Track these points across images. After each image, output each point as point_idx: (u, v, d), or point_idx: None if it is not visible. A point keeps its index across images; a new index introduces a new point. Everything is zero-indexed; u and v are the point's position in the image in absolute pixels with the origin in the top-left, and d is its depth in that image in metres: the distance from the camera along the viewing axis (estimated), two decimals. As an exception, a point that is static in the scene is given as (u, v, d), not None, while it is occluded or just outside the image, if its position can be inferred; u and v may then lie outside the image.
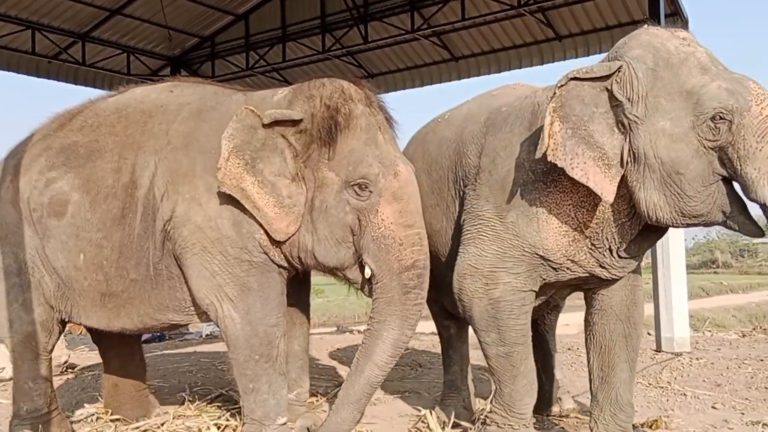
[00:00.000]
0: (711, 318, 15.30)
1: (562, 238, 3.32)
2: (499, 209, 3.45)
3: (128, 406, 4.50)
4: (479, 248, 3.49)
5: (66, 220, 3.73)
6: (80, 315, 3.90)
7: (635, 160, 3.06)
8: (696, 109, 2.94)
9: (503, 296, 3.43)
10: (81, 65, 11.77)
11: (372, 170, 3.33)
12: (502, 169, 3.47)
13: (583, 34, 10.63)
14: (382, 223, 3.32)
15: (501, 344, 3.49)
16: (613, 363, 3.61)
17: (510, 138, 3.51)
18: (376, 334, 3.34)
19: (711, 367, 6.63)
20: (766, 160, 2.83)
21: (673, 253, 7.93)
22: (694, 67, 3.01)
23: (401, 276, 3.31)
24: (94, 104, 4.09)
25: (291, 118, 3.39)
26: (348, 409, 3.38)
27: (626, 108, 3.06)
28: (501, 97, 3.96)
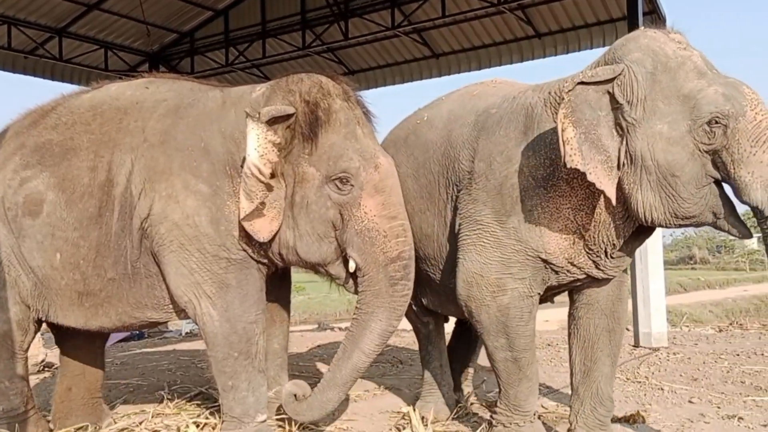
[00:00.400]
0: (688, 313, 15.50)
1: (563, 241, 3.36)
2: (498, 214, 3.45)
3: (79, 413, 4.30)
4: (482, 255, 3.49)
5: (41, 220, 3.68)
6: (57, 314, 3.84)
7: (632, 162, 3.09)
8: (693, 113, 2.97)
9: (512, 303, 3.46)
10: (58, 61, 11.65)
11: (353, 164, 3.33)
12: (500, 174, 3.46)
13: (563, 31, 10.71)
14: (366, 215, 3.32)
15: (509, 350, 3.53)
16: (596, 357, 3.65)
17: (506, 142, 3.50)
18: (364, 324, 3.36)
19: (688, 361, 6.70)
20: (759, 165, 2.89)
21: (651, 250, 8.01)
22: (691, 71, 3.05)
23: (387, 268, 3.32)
24: (67, 101, 4.03)
25: (287, 113, 3.33)
26: (334, 390, 3.41)
27: (625, 111, 3.09)
28: (485, 97, 3.93)
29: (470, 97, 4.07)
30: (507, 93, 3.76)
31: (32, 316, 3.88)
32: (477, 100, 3.94)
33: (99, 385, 4.44)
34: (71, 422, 4.23)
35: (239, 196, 3.33)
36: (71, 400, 4.31)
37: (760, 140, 2.90)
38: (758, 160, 2.89)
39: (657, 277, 8.08)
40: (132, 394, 5.60)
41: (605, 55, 3.31)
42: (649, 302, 7.95)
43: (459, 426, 4.25)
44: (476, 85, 4.27)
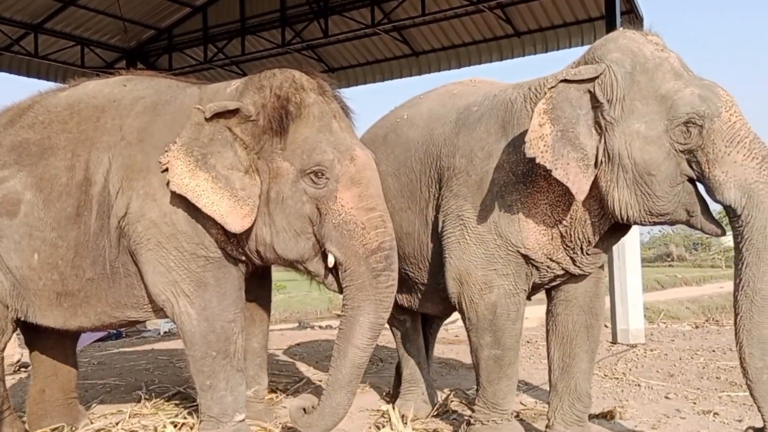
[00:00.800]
0: (665, 310, 15.62)
1: (542, 236, 3.41)
2: (479, 209, 3.51)
3: (54, 415, 4.21)
4: (467, 252, 3.55)
5: (19, 220, 3.64)
6: (36, 315, 3.79)
7: (609, 160, 3.15)
8: (670, 113, 3.04)
9: (498, 300, 3.52)
10: (33, 57, 11.50)
11: (326, 156, 3.28)
12: (481, 170, 3.52)
13: (542, 30, 10.77)
14: (343, 208, 3.26)
15: (495, 347, 3.57)
16: (575, 353, 3.68)
17: (486, 138, 3.56)
18: (352, 320, 3.27)
19: (664, 358, 6.78)
20: (733, 164, 2.97)
21: (629, 247, 8.08)
22: (668, 73, 3.12)
23: (368, 260, 3.25)
24: (45, 99, 3.97)
25: (228, 109, 3.31)
26: (341, 392, 3.29)
27: (605, 110, 3.14)
28: (466, 96, 3.97)
29: (450, 96, 4.10)
30: (487, 91, 3.81)
31: (10, 316, 3.82)
32: (458, 99, 3.98)
33: (73, 386, 4.36)
34: (46, 423, 4.17)
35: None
36: (45, 402, 4.25)
37: (734, 141, 2.98)
38: (732, 160, 2.97)
39: (634, 275, 8.15)
40: (109, 394, 5.55)
41: (585, 55, 3.37)
42: (626, 299, 8.02)
43: (438, 424, 4.26)
44: (455, 84, 4.30)
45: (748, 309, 2.96)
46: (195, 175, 3.28)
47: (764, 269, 2.93)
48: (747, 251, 2.97)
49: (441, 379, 5.83)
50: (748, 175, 2.96)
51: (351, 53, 12.52)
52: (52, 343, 4.26)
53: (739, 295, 3.00)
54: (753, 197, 2.95)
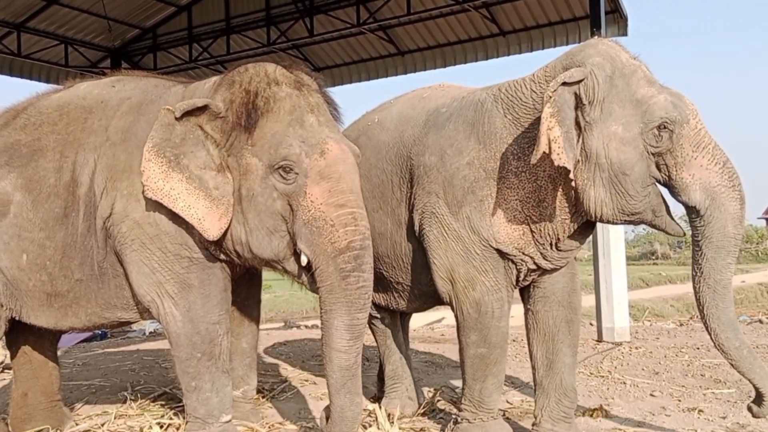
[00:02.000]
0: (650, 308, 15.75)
1: (513, 231, 3.49)
2: (451, 205, 3.58)
3: (38, 418, 4.17)
4: (447, 250, 3.62)
5: (8, 221, 3.63)
6: (29, 315, 3.79)
7: (587, 159, 3.28)
8: (645, 117, 3.22)
9: (482, 298, 3.56)
10: (16, 56, 11.37)
11: (293, 150, 3.17)
12: (451, 166, 3.60)
13: (527, 30, 10.78)
14: (312, 204, 3.14)
15: (481, 346, 3.60)
16: (557, 349, 3.72)
17: (455, 135, 3.64)
18: (328, 324, 3.18)
19: (650, 355, 6.83)
20: (699, 168, 3.21)
21: (614, 246, 8.12)
22: (642, 79, 3.30)
23: (336, 260, 3.11)
24: (38, 101, 3.97)
25: (196, 106, 3.27)
26: (339, 396, 3.18)
27: (586, 111, 3.28)
28: (435, 99, 4.08)
29: (420, 99, 4.20)
30: (456, 94, 3.96)
31: (4, 315, 3.82)
32: (427, 102, 4.08)
33: (56, 388, 4.32)
34: (30, 427, 4.13)
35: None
36: (29, 406, 4.21)
37: (700, 146, 3.22)
38: (698, 164, 3.21)
39: (619, 273, 8.20)
40: (94, 395, 5.50)
41: (561, 60, 3.48)
42: (611, 297, 8.06)
43: (425, 422, 4.27)
44: (425, 88, 4.40)
45: (712, 298, 3.27)
46: (169, 177, 3.23)
47: (722, 263, 3.24)
48: (707, 247, 3.25)
49: (427, 377, 5.84)
50: (711, 179, 3.20)
51: (336, 52, 12.50)
52: (31, 347, 4.23)
53: (701, 287, 3.29)
54: (716, 199, 3.20)
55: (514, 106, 3.52)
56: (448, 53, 11.73)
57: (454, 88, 4.22)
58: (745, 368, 3.25)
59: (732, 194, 3.21)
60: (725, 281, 3.25)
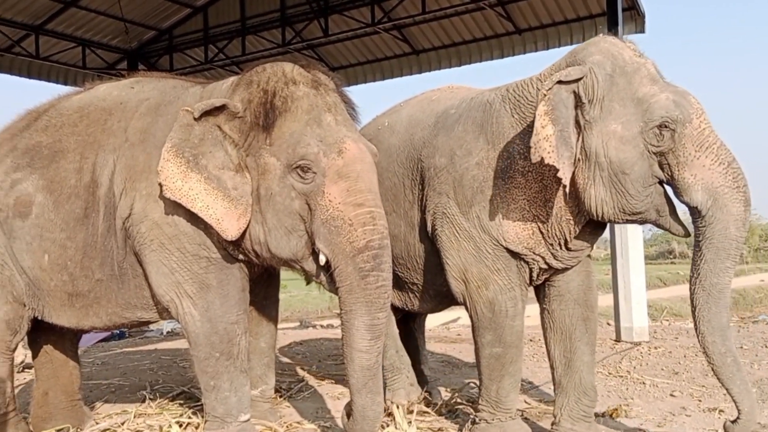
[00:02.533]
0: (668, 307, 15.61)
1: (522, 231, 3.49)
2: (461, 205, 3.60)
3: (59, 417, 4.21)
4: (459, 250, 3.63)
5: (30, 221, 3.68)
6: (51, 314, 3.84)
7: (586, 158, 3.27)
8: (645, 116, 3.19)
9: (495, 297, 3.57)
10: (35, 59, 11.47)
11: (311, 149, 3.16)
12: (461, 167, 3.62)
13: (543, 27, 10.73)
14: (330, 204, 3.13)
15: (496, 345, 3.60)
16: (575, 347, 3.71)
17: (464, 136, 3.67)
18: (348, 325, 3.17)
19: (669, 355, 6.77)
20: (701, 168, 3.15)
21: (632, 245, 8.07)
22: (645, 77, 3.26)
23: (355, 259, 3.10)
24: (59, 103, 4.02)
25: (215, 106, 3.28)
26: (360, 396, 3.18)
27: (585, 109, 3.27)
28: (444, 101, 4.09)
29: (429, 101, 4.22)
30: (465, 96, 3.97)
31: (26, 315, 3.87)
32: (436, 104, 4.10)
33: (76, 387, 4.36)
34: (51, 426, 4.17)
35: None
36: (49, 404, 4.25)
37: (703, 146, 3.16)
38: (701, 164, 3.16)
39: (638, 272, 8.14)
40: (114, 394, 5.55)
41: (566, 58, 3.49)
42: (630, 297, 8.01)
43: (443, 422, 4.25)
44: (434, 90, 4.43)
45: (706, 301, 3.20)
46: (187, 177, 3.24)
47: (721, 266, 3.16)
48: (707, 249, 3.18)
49: (444, 377, 5.83)
50: (714, 179, 3.14)
51: (351, 52, 12.51)
52: (52, 346, 4.28)
53: (695, 288, 3.23)
54: (718, 200, 3.14)
55: (521, 106, 3.53)
56: (464, 52, 11.69)
57: (463, 89, 4.24)
58: (726, 377, 3.18)
59: (736, 195, 3.14)
60: (722, 285, 3.17)
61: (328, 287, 3.36)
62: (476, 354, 3.73)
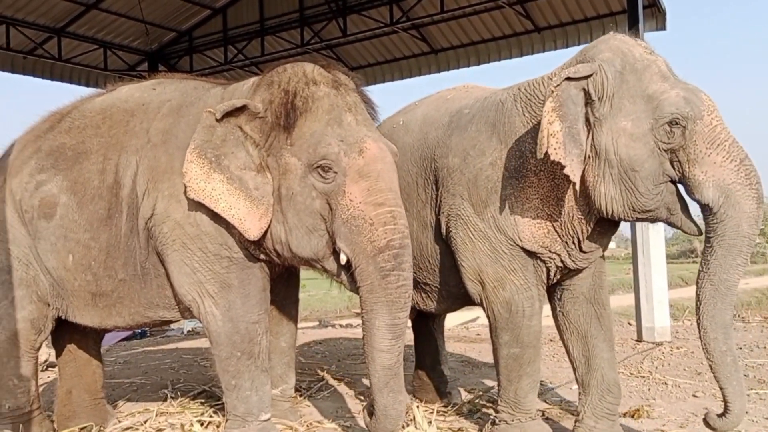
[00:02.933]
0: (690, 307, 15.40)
1: (537, 230, 3.49)
2: (476, 206, 3.59)
3: (82, 415, 4.27)
4: (474, 251, 3.62)
5: (55, 222, 3.72)
6: (75, 314, 3.89)
7: (596, 156, 3.26)
8: (655, 113, 3.17)
9: (512, 297, 3.56)
10: (57, 61, 11.63)
11: (331, 149, 3.17)
12: (474, 167, 3.61)
13: (562, 26, 10.68)
14: (351, 203, 3.14)
15: (513, 346, 3.60)
16: (592, 345, 3.72)
17: (477, 136, 3.67)
18: (369, 324, 3.17)
19: (691, 356, 6.71)
20: (713, 165, 3.12)
21: (653, 244, 8.00)
22: (656, 74, 3.24)
23: (376, 259, 3.10)
24: (82, 104, 4.06)
25: (236, 107, 3.30)
26: (382, 395, 3.17)
27: (595, 107, 3.25)
28: (458, 100, 4.08)
29: (443, 101, 4.20)
30: (479, 95, 3.97)
31: (51, 315, 3.92)
32: (450, 104, 4.09)
33: (99, 386, 4.42)
34: (74, 424, 4.23)
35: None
36: (73, 403, 4.31)
37: (715, 143, 3.13)
38: (712, 161, 3.13)
39: (659, 271, 8.06)
40: (135, 392, 5.61)
41: (577, 56, 3.49)
42: (651, 296, 7.94)
43: (463, 422, 4.25)
44: (449, 90, 4.41)
45: (712, 296, 3.16)
46: (210, 178, 3.26)
47: (732, 263, 3.13)
48: (718, 245, 3.14)
49: (464, 377, 5.82)
50: (726, 176, 3.11)
51: (370, 52, 12.53)
52: (75, 345, 4.34)
53: (704, 283, 3.19)
54: (730, 197, 3.10)
55: (532, 105, 3.53)
56: (482, 51, 11.67)
57: (477, 89, 4.23)
58: (723, 376, 3.14)
59: (748, 192, 3.11)
60: (730, 282, 3.14)
61: (349, 287, 3.37)
62: (494, 354, 3.73)
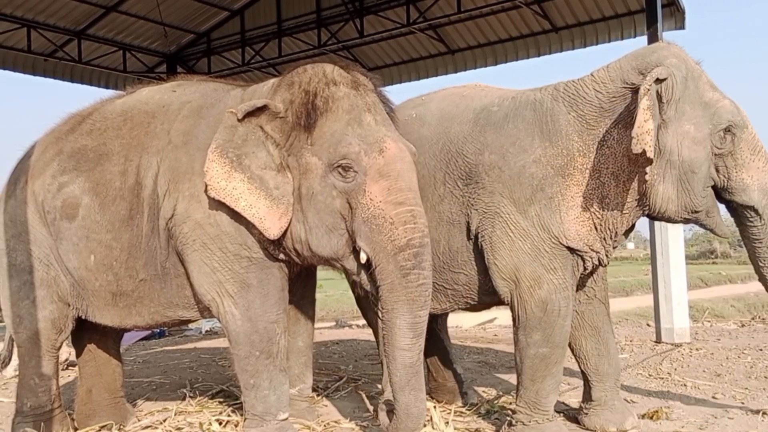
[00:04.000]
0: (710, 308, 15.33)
1: (581, 227, 3.58)
2: (519, 204, 3.60)
3: (102, 414, 4.33)
4: (513, 249, 3.62)
5: (77, 223, 3.77)
6: (95, 314, 3.94)
7: (659, 156, 3.45)
8: (713, 120, 3.45)
9: (549, 296, 3.59)
10: (77, 63, 11.75)
11: (352, 149, 3.21)
12: (516, 165, 3.63)
13: (580, 25, 10.61)
14: (371, 202, 3.17)
15: (543, 345, 3.62)
16: (605, 339, 4.02)
17: (516, 134, 3.68)
18: (390, 324, 3.19)
19: (711, 357, 6.65)
20: (757, 170, 3.50)
21: (672, 244, 7.94)
22: (707, 83, 3.55)
23: (397, 258, 3.13)
24: (103, 106, 4.11)
25: (257, 107, 3.33)
26: (403, 394, 3.19)
27: (663, 109, 3.46)
28: (478, 98, 4.06)
29: (460, 97, 4.20)
30: (502, 94, 4.02)
31: (71, 315, 3.97)
32: (470, 101, 4.09)
33: (119, 385, 4.47)
34: (95, 422, 4.28)
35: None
36: (93, 402, 4.36)
37: (756, 150, 3.51)
38: (756, 167, 3.50)
39: (679, 272, 8.00)
40: (154, 391, 5.65)
41: (630, 61, 3.59)
42: (670, 297, 7.88)
43: (480, 423, 4.24)
44: (459, 87, 4.39)
45: None
46: (231, 177, 3.30)
47: None
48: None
49: (480, 378, 5.81)
50: (767, 180, 3.50)
51: (386, 53, 12.53)
52: (95, 345, 4.39)
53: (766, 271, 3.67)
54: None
55: (578, 104, 3.60)
56: (499, 51, 11.62)
57: (492, 88, 4.25)
58: None
59: None
60: None
61: (367, 287, 3.36)
62: (519, 354, 3.71)
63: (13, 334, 4.01)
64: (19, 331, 3.96)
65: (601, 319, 4.00)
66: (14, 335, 4.01)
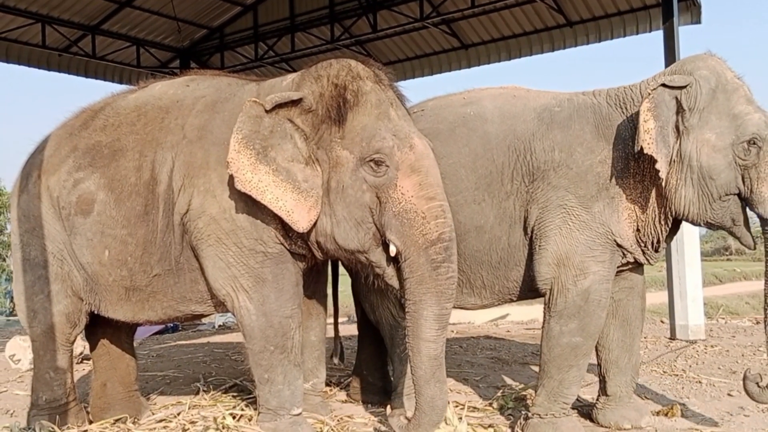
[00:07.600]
0: (725, 305, 15.20)
1: (629, 228, 3.76)
2: (584, 199, 3.74)
3: (117, 407, 4.34)
4: (568, 238, 3.73)
5: (92, 218, 3.79)
6: (108, 309, 3.96)
7: (681, 161, 3.62)
8: (738, 131, 3.55)
9: (592, 286, 3.69)
10: (91, 58, 11.79)
11: (386, 143, 3.25)
12: (583, 164, 3.78)
13: (595, 20, 10.53)
14: (403, 197, 3.22)
15: (577, 335, 3.70)
16: (634, 333, 4.10)
17: (583, 135, 3.83)
18: (416, 315, 3.21)
19: (726, 354, 6.61)
20: None
21: (688, 241, 7.87)
22: (742, 97, 3.64)
23: (428, 251, 3.18)
24: (115, 101, 4.11)
25: (291, 99, 3.33)
26: (429, 386, 3.21)
27: (686, 116, 3.61)
28: (533, 99, 4.12)
29: (512, 98, 4.23)
30: (554, 95, 4.13)
31: (84, 309, 4.00)
32: (525, 101, 4.15)
33: (133, 378, 4.49)
34: (109, 415, 4.30)
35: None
36: (107, 395, 4.38)
37: None
38: None
39: (694, 269, 7.94)
40: (168, 385, 5.68)
41: (673, 67, 3.83)
42: (685, 294, 7.83)
43: (494, 418, 4.24)
44: (502, 88, 4.36)
45: None
46: (257, 169, 3.28)
47: None
48: None
49: (494, 374, 5.80)
50: None
51: (400, 47, 12.50)
52: (108, 339, 4.41)
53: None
54: None
55: (628, 108, 3.79)
56: (513, 45, 11.56)
57: (532, 90, 4.30)
58: None
59: None
60: None
61: (390, 280, 3.38)
62: (548, 343, 3.74)
63: (28, 328, 4.04)
64: (33, 325, 3.99)
65: (635, 313, 4.09)
66: (28, 329, 4.04)
